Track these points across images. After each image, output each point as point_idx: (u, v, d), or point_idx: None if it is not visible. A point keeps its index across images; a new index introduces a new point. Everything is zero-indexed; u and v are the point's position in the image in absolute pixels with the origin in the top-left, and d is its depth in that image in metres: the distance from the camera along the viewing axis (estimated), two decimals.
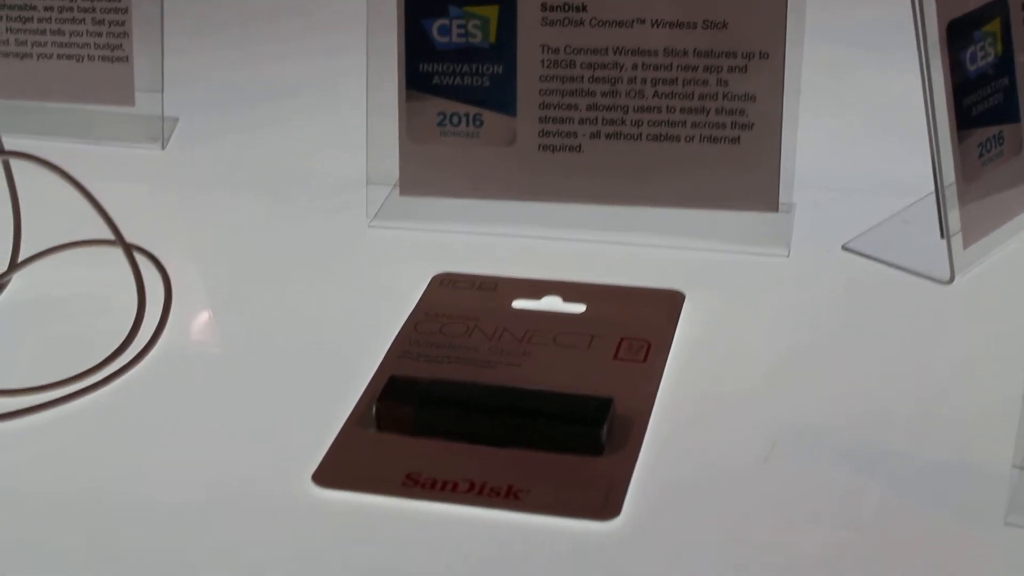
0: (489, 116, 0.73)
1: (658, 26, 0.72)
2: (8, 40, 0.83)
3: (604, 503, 0.55)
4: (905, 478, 0.57)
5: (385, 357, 0.64)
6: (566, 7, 0.72)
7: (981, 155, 0.70)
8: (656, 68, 0.72)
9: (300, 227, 0.76)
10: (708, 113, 0.72)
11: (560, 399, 0.59)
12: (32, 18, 0.83)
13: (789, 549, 0.54)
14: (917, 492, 0.56)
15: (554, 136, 0.73)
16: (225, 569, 0.54)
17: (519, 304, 0.68)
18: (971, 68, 0.69)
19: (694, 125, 0.72)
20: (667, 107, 0.72)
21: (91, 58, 0.83)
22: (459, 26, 0.73)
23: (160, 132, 0.83)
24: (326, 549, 0.54)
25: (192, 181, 0.81)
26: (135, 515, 0.56)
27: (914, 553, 0.54)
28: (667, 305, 0.68)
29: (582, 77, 0.72)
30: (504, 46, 0.73)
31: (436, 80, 0.73)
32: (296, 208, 0.78)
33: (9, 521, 0.56)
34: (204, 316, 0.70)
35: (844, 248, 0.72)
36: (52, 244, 0.72)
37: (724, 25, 0.71)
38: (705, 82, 0.71)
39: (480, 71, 0.73)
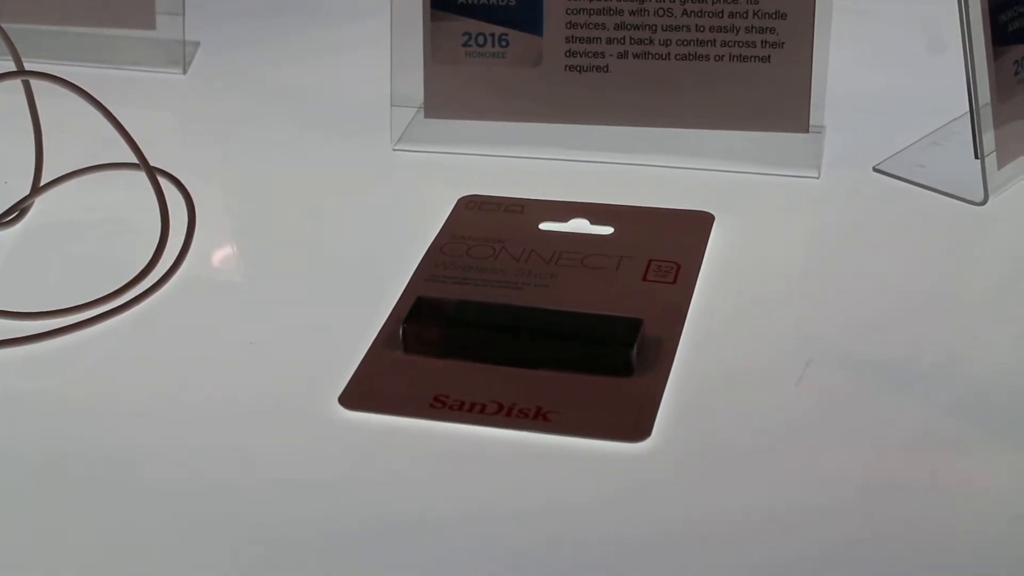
0: (515, 36, 0.72)
1: None
2: None
3: (634, 424, 0.55)
4: (940, 401, 0.56)
5: (411, 280, 0.63)
6: None
7: (1017, 73, 0.68)
8: None
9: (324, 151, 0.75)
10: (738, 31, 0.70)
11: (589, 320, 0.59)
12: None
13: (823, 471, 0.53)
14: (952, 415, 0.55)
15: (581, 56, 0.72)
16: (252, 491, 0.53)
17: (546, 226, 0.67)
18: None
19: (723, 44, 0.71)
20: (696, 25, 0.71)
21: None
22: None
23: (181, 56, 0.82)
24: (353, 472, 0.54)
25: (214, 105, 0.80)
26: (155, 442, 0.55)
27: (950, 477, 0.53)
28: (696, 227, 0.67)
29: None
30: None
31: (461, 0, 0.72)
32: (320, 132, 0.76)
33: (32, 443, 0.55)
34: (228, 240, 0.69)
35: (875, 170, 0.71)
36: (74, 167, 0.71)
37: None
38: None
39: None
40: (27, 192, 0.69)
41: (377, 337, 0.60)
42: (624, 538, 0.50)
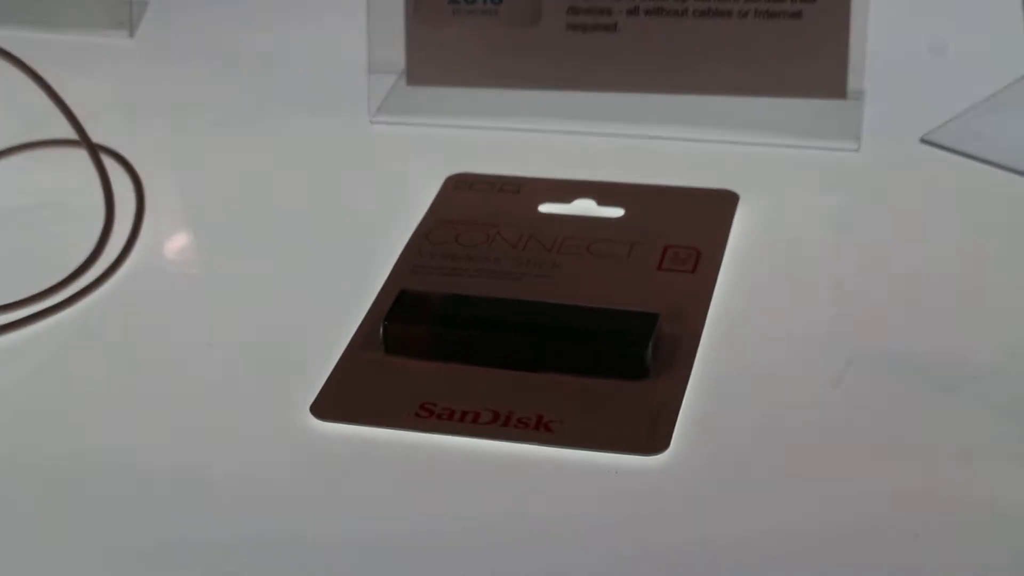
0: None
1: None
2: None
3: (650, 435, 0.54)
4: (1000, 406, 0.56)
5: (393, 271, 0.63)
6: None
7: None
8: None
9: (291, 124, 0.75)
10: None
11: (597, 315, 0.58)
12: None
13: (867, 488, 0.53)
14: (1014, 422, 0.55)
15: (585, 14, 0.72)
16: (210, 515, 0.53)
17: (547, 208, 0.67)
18: None
19: None
20: None
21: None
22: None
23: (128, 17, 0.82)
24: (327, 492, 0.53)
25: (166, 73, 0.80)
26: (97, 458, 0.55)
27: (1012, 496, 0.52)
28: (718, 207, 0.67)
29: None
30: None
31: None
32: (286, 102, 0.76)
33: None
34: (182, 227, 0.69)
35: (924, 140, 0.71)
36: (6, 145, 0.71)
37: None
38: None
39: None
40: None
41: (354, 337, 0.59)
42: (638, 566, 0.50)
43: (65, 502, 0.53)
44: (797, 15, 0.70)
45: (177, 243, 0.69)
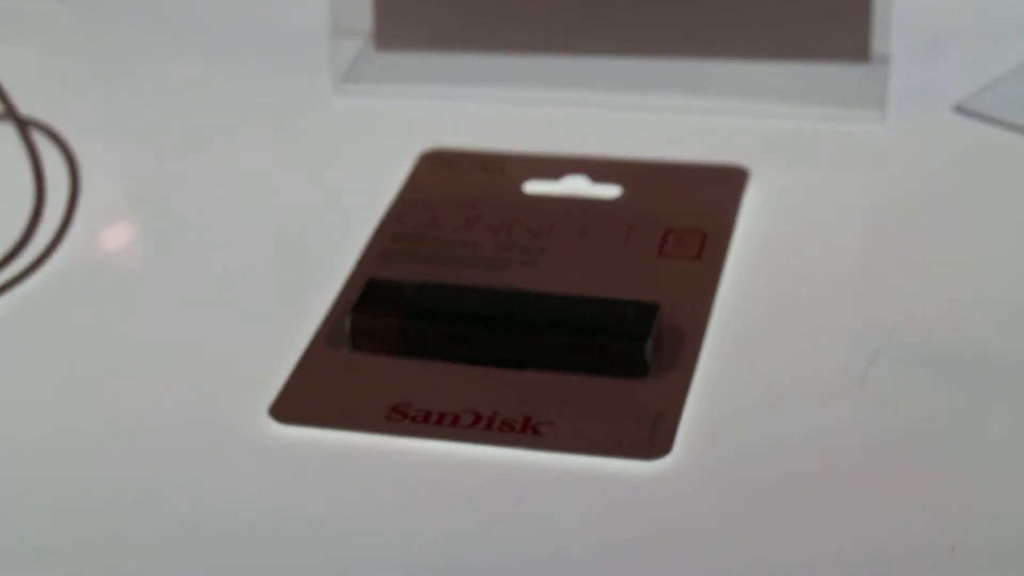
0: None
1: None
2: None
3: (650, 437, 0.55)
4: None
5: (361, 258, 0.64)
6: None
7: None
8: None
9: (245, 94, 0.75)
10: None
11: (591, 305, 0.59)
12: None
13: (890, 497, 0.53)
14: None
15: None
16: (158, 532, 0.53)
17: (533, 187, 0.67)
18: None
19: None
20: None
21: None
22: None
23: None
24: (290, 503, 0.54)
25: (102, 40, 0.81)
26: (27, 473, 0.55)
27: None
28: (726, 186, 0.67)
29: None
30: None
31: None
32: (239, 69, 0.77)
33: None
34: (122, 211, 0.70)
35: (957, 109, 0.72)
36: None
37: None
38: None
39: None
40: None
41: (317, 332, 0.60)
42: None
43: None
44: None
45: (116, 229, 0.69)
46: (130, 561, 0.52)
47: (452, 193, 0.67)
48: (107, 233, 0.68)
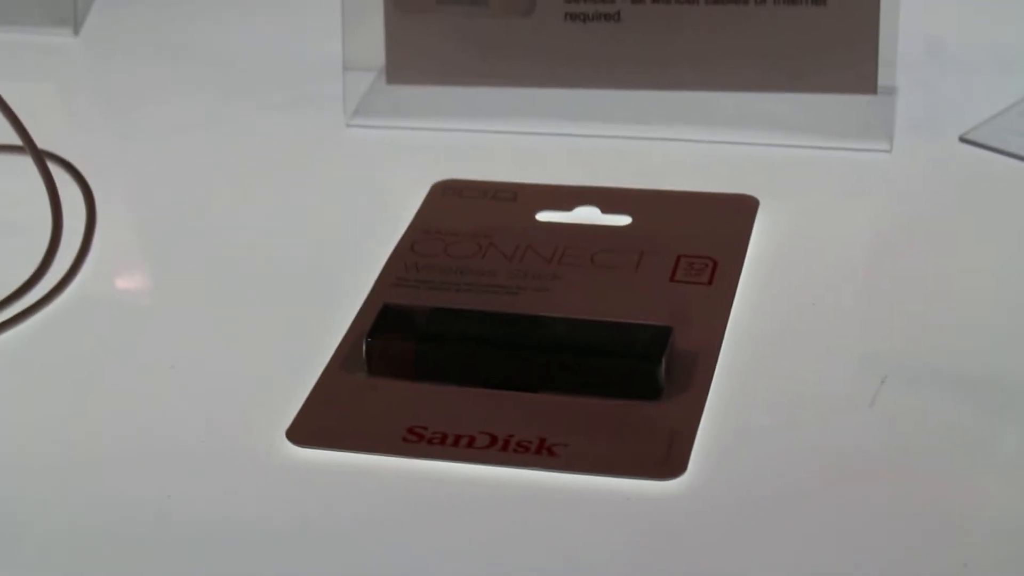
0: None
1: None
2: None
3: (664, 459, 0.55)
4: None
5: (375, 286, 0.64)
6: None
7: None
8: None
9: (257, 128, 0.76)
10: None
11: (604, 329, 0.59)
12: None
13: (909, 518, 0.53)
14: None
15: (584, 2, 0.72)
16: (174, 555, 0.53)
17: (545, 216, 0.68)
18: None
19: None
20: None
21: None
22: None
23: (72, 13, 0.83)
24: (306, 525, 0.54)
25: (115, 74, 0.81)
26: (48, 495, 0.56)
27: None
28: (736, 214, 0.68)
29: None
30: None
31: None
32: (251, 104, 0.77)
33: None
34: (138, 241, 0.70)
35: (963, 139, 0.72)
36: None
37: None
38: None
39: None
40: None
41: (333, 356, 0.60)
42: None
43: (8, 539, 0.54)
44: (821, 2, 0.71)
45: (133, 258, 0.69)
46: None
47: (465, 222, 0.67)
48: (123, 262, 0.69)
